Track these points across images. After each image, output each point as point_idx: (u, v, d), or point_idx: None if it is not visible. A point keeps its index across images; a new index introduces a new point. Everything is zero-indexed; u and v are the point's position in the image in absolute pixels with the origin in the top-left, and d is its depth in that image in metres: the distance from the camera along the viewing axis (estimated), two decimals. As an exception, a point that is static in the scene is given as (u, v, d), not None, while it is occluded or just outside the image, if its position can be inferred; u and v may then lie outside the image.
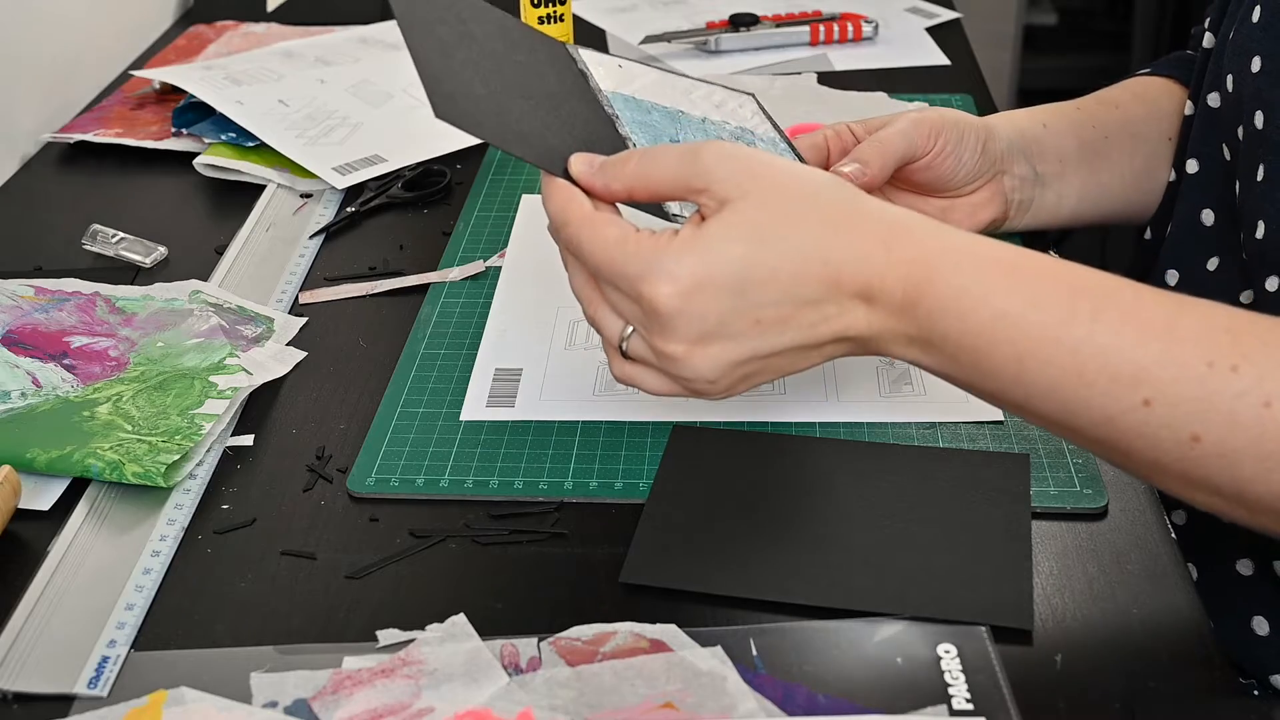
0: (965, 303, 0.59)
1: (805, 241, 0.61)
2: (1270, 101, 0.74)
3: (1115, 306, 0.58)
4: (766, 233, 0.61)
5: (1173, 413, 0.56)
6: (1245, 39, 0.78)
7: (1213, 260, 0.82)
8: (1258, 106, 0.75)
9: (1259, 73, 0.75)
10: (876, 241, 0.61)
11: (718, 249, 0.60)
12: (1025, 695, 0.58)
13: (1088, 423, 0.58)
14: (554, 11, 1.06)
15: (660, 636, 0.61)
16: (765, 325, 0.61)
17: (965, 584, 0.64)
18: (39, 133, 1.16)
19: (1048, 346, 0.58)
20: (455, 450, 0.74)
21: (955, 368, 0.61)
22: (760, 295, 0.60)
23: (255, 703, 0.58)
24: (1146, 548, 0.66)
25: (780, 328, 0.61)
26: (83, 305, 0.87)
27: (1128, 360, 0.57)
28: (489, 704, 0.58)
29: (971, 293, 0.59)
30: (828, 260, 0.60)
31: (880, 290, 0.60)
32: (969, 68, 1.27)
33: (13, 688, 0.60)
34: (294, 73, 1.21)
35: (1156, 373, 0.57)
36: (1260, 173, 0.74)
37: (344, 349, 0.85)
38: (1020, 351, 0.58)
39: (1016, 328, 0.58)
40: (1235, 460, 0.56)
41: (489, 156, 1.10)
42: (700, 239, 0.61)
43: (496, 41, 0.71)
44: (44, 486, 0.72)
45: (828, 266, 0.60)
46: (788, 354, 0.62)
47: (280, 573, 0.67)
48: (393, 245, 0.98)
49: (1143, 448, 0.58)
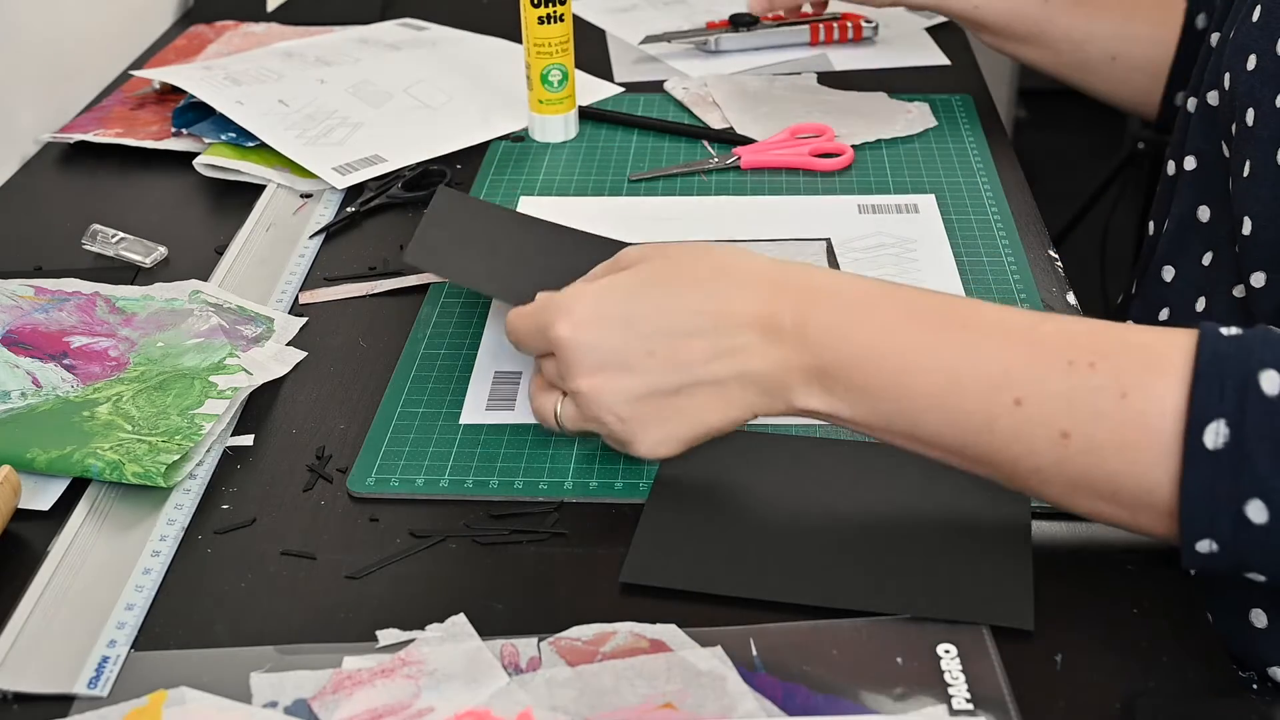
0: (850, 320, 0.64)
1: (695, 281, 0.66)
2: (1260, 99, 0.74)
3: (980, 319, 0.63)
4: (659, 277, 0.67)
5: (1042, 410, 0.60)
6: (1244, 37, 0.78)
7: (1207, 255, 0.83)
8: (1250, 104, 0.76)
9: (1253, 70, 0.76)
10: (763, 279, 0.66)
11: (611, 287, 0.67)
12: (1025, 695, 0.58)
13: (971, 433, 0.62)
14: (554, 11, 1.06)
15: (660, 636, 0.61)
16: (659, 358, 0.65)
17: (965, 584, 0.64)
18: (39, 133, 1.16)
19: (925, 354, 0.62)
20: (455, 450, 0.74)
21: (850, 399, 0.64)
22: (649, 325, 0.65)
23: (255, 703, 0.58)
24: (1147, 548, 0.66)
25: (675, 362, 0.65)
26: (83, 305, 0.87)
27: (996, 361, 0.61)
28: (489, 704, 0.58)
29: (854, 312, 0.64)
30: (714, 294, 0.66)
31: (770, 318, 0.64)
32: (969, 68, 1.27)
33: (13, 688, 0.60)
34: (294, 73, 1.21)
35: (1023, 372, 0.60)
36: (1246, 169, 0.75)
37: (344, 349, 0.85)
38: (903, 364, 0.62)
39: (895, 339, 0.63)
40: (1102, 454, 0.59)
41: (489, 156, 1.10)
42: (596, 283, 0.68)
43: (504, 227, 0.87)
44: (44, 486, 0.72)
45: (714, 299, 0.65)
46: (692, 393, 0.66)
47: (280, 573, 0.67)
48: (393, 245, 0.98)
49: (1021, 452, 0.61)
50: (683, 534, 0.67)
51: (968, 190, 1.01)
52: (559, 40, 1.07)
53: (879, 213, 0.98)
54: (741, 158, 1.06)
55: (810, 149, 1.07)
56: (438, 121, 1.14)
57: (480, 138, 1.12)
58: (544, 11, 1.06)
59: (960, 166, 1.05)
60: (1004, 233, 0.95)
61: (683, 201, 1.02)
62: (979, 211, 0.98)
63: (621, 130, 1.14)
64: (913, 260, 0.92)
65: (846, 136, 1.09)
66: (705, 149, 1.10)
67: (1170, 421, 0.57)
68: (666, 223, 0.97)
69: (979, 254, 0.92)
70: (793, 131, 1.09)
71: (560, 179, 1.06)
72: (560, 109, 1.11)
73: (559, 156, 1.10)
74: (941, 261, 0.91)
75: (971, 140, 1.09)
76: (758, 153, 1.07)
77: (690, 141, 1.12)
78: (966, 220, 0.97)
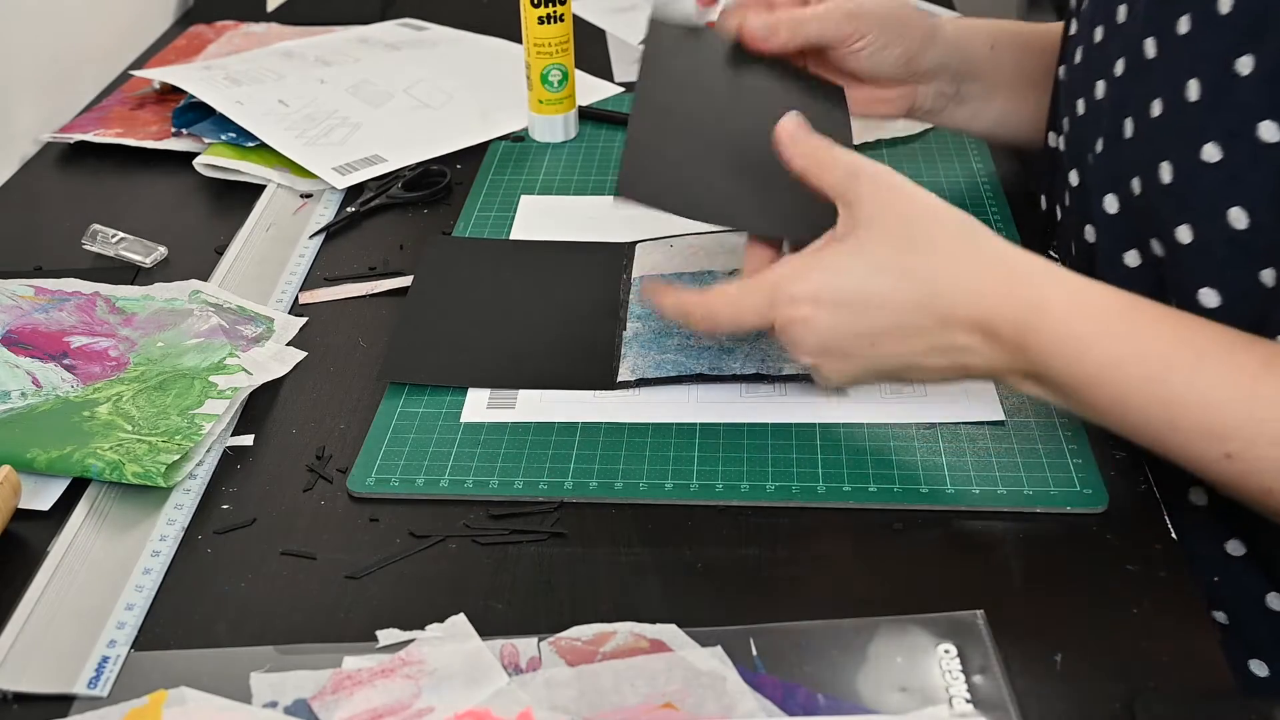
0: (1072, 348, 0.64)
1: (921, 273, 0.66)
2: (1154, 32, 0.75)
3: (1212, 361, 0.63)
4: (886, 263, 0.66)
5: (1251, 467, 0.62)
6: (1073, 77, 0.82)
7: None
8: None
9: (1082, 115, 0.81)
10: (991, 280, 0.65)
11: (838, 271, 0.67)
12: (1025, 695, 0.58)
13: (1178, 460, 0.64)
14: (554, 11, 1.06)
15: (660, 636, 0.61)
16: (881, 349, 0.67)
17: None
18: (39, 133, 1.16)
19: (1145, 396, 0.63)
20: (455, 450, 0.74)
21: (1066, 402, 0.66)
22: (872, 320, 0.66)
23: (255, 703, 0.58)
24: (1146, 548, 0.66)
25: (895, 353, 0.67)
26: (83, 305, 0.87)
27: (1216, 418, 0.62)
28: (489, 704, 0.58)
29: (1080, 339, 0.64)
30: (940, 294, 0.65)
31: (990, 325, 0.65)
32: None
33: (13, 688, 0.60)
34: (294, 73, 1.21)
35: (1240, 432, 0.61)
36: (1099, 145, 0.77)
37: (344, 349, 0.85)
38: (1121, 395, 0.63)
39: (1118, 377, 0.63)
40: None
41: (489, 156, 1.10)
42: (822, 264, 0.67)
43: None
44: (44, 486, 0.72)
45: (940, 299, 0.65)
46: (907, 374, 0.69)
47: (280, 573, 0.67)
48: (393, 245, 0.98)
49: (1223, 488, 0.65)
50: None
51: (968, 190, 1.01)
52: (559, 40, 1.07)
53: (879, 213, 0.98)
54: (741, 158, 1.06)
55: (810, 149, 1.06)
56: (438, 121, 1.14)
57: (480, 138, 1.12)
58: (544, 11, 1.06)
59: (960, 166, 1.05)
60: (1004, 233, 0.95)
61: (683, 201, 1.02)
62: (979, 211, 0.98)
63: (621, 130, 1.14)
64: (913, 260, 0.91)
65: (846, 136, 1.09)
66: (705, 149, 1.10)
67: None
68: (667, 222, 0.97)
69: (979, 254, 0.92)
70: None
71: (560, 179, 1.06)
72: (560, 109, 1.11)
73: (559, 156, 1.10)
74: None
75: (972, 140, 1.09)
76: (758, 153, 1.06)
77: (690, 141, 1.11)
78: (966, 220, 0.97)
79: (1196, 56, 0.69)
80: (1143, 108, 0.72)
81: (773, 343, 0.80)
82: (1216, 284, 0.68)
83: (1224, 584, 0.74)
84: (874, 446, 0.73)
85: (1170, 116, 0.70)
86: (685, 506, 0.70)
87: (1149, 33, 0.73)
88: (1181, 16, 0.70)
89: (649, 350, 0.81)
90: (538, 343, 0.83)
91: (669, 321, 0.80)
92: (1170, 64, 0.71)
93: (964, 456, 0.72)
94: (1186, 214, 0.69)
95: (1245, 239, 0.66)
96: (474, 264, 0.91)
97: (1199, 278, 0.69)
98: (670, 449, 0.74)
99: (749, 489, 0.71)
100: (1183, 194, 0.69)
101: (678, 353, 0.80)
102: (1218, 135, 0.67)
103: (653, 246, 0.92)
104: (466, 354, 0.82)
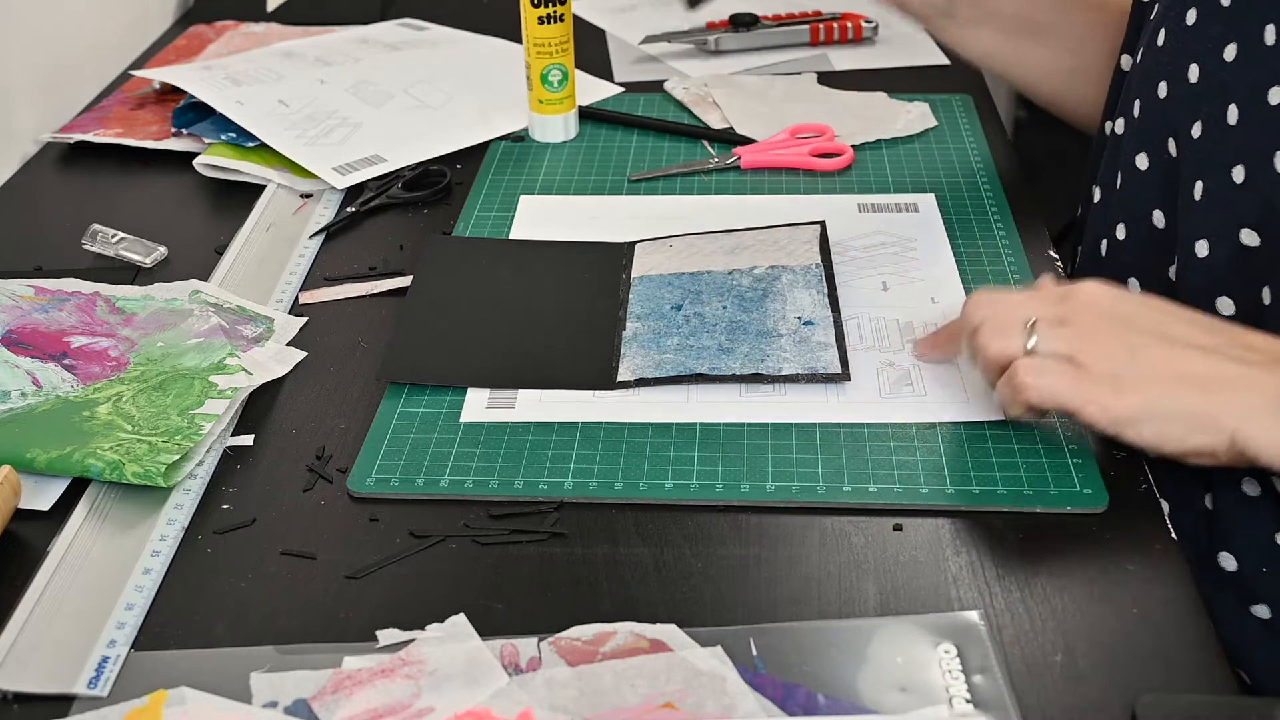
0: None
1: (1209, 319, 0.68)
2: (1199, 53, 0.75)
3: None
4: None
5: None
6: (1151, 63, 0.80)
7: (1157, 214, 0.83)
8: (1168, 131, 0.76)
9: (1165, 98, 0.76)
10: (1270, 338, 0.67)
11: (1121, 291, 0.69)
12: (1025, 695, 0.58)
13: None
14: (554, 11, 1.06)
15: (660, 636, 0.61)
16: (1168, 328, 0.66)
17: None
18: (39, 133, 1.16)
19: None
20: (455, 450, 0.74)
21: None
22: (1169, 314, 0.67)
23: (255, 703, 0.58)
24: (1146, 548, 0.66)
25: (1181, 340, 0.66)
26: (83, 305, 0.87)
27: None
28: (489, 704, 0.58)
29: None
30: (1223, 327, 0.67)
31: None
32: (969, 68, 1.26)
33: (13, 688, 0.60)
34: (294, 73, 1.21)
35: None
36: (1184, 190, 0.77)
37: (344, 349, 0.85)
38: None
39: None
40: None
41: (489, 156, 1.10)
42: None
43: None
44: (44, 486, 0.72)
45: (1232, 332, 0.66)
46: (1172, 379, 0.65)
47: (280, 573, 0.67)
48: (393, 245, 0.98)
49: None
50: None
51: (968, 190, 1.01)
52: (559, 40, 1.07)
53: (879, 211, 0.98)
54: (741, 158, 1.06)
55: (810, 149, 1.07)
56: (438, 121, 1.14)
57: (480, 138, 1.12)
58: (544, 11, 1.06)
59: (960, 166, 1.05)
60: (1004, 233, 0.95)
61: (683, 201, 1.02)
62: (979, 211, 0.98)
63: (621, 130, 1.14)
64: (913, 259, 0.92)
65: (846, 136, 1.09)
66: (705, 149, 1.10)
67: None
68: (667, 222, 0.97)
69: (979, 253, 0.92)
70: (792, 131, 1.09)
71: (560, 179, 1.06)
72: (560, 109, 1.11)
73: (559, 156, 1.10)
74: (941, 261, 0.91)
75: (971, 140, 1.09)
76: (758, 153, 1.07)
77: (690, 141, 1.12)
78: (966, 220, 0.97)
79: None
80: (1255, 95, 0.71)
81: (773, 342, 0.80)
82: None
83: (1272, 575, 0.73)
84: (874, 446, 0.73)
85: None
86: (685, 506, 0.70)
87: (1269, 19, 0.72)
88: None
89: (649, 350, 0.81)
90: (538, 343, 0.83)
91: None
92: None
93: (964, 456, 0.72)
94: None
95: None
96: (474, 264, 0.91)
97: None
98: (670, 449, 0.74)
99: (749, 489, 0.71)
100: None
101: (677, 353, 0.80)
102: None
103: (653, 246, 0.92)
104: (466, 354, 0.82)
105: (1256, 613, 0.73)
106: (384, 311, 0.89)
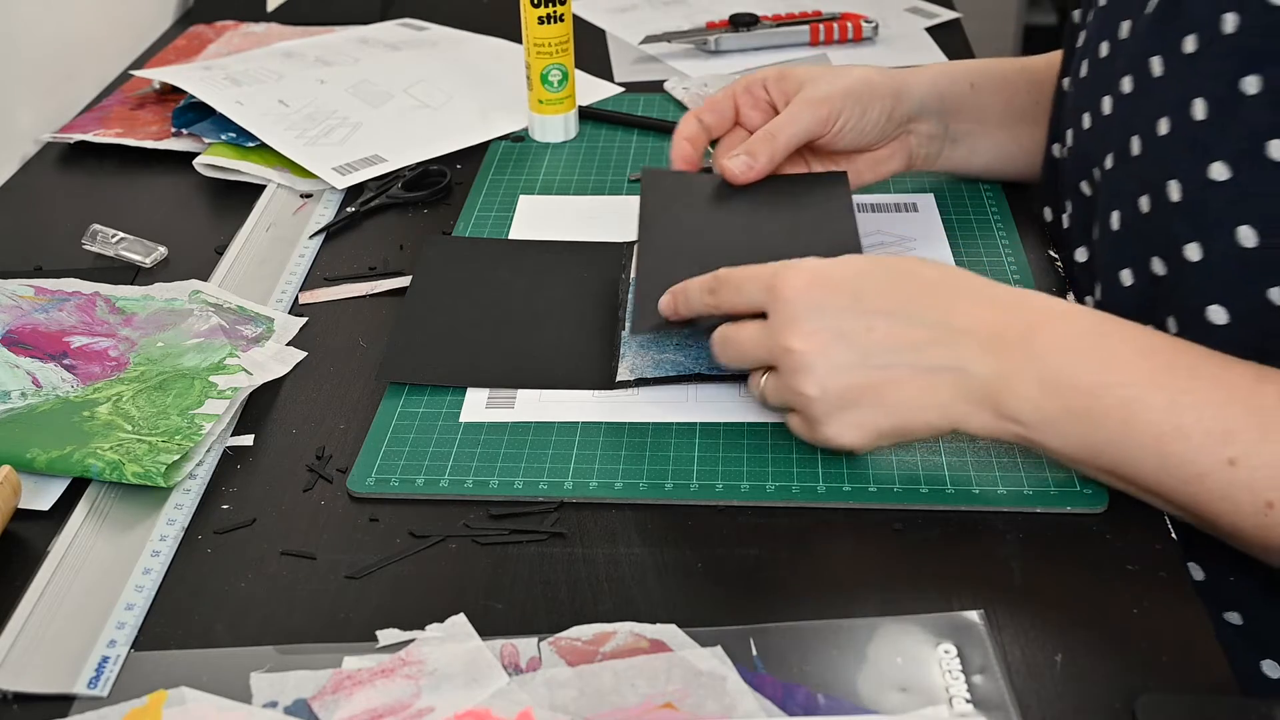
0: (1080, 346, 0.64)
1: (927, 282, 0.68)
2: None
3: (1207, 368, 0.63)
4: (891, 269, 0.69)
5: (1253, 475, 0.61)
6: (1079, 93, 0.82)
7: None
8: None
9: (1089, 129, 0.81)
10: (994, 296, 0.67)
11: (843, 262, 0.69)
12: (1025, 695, 0.58)
13: (1180, 481, 0.62)
14: (554, 11, 1.06)
15: (660, 636, 0.61)
16: (877, 335, 0.66)
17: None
18: (39, 133, 1.16)
19: (1153, 394, 0.62)
20: (455, 450, 0.74)
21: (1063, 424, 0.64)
22: (875, 303, 0.66)
23: (255, 703, 0.58)
24: (1146, 548, 0.66)
25: (891, 343, 0.66)
26: (83, 305, 0.87)
27: (1219, 417, 0.61)
28: (489, 704, 0.58)
29: (1085, 340, 0.64)
30: (943, 298, 0.67)
31: (996, 328, 0.65)
32: (969, 68, 1.26)
33: (13, 688, 0.60)
34: (294, 73, 1.21)
35: (1243, 434, 0.61)
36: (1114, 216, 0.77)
37: (344, 349, 0.85)
38: (1129, 398, 0.62)
39: (1125, 373, 0.63)
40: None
41: (489, 156, 1.10)
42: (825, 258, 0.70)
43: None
44: (44, 486, 0.72)
45: (943, 302, 0.66)
46: (899, 380, 0.66)
47: (280, 573, 0.67)
48: (393, 245, 0.98)
49: (1225, 510, 0.62)
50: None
51: (967, 190, 1.01)
52: (559, 40, 1.07)
53: (878, 211, 0.98)
54: (741, 158, 1.06)
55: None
56: (438, 121, 1.14)
57: (480, 138, 1.12)
58: (544, 11, 1.06)
59: (960, 166, 1.05)
60: (1004, 233, 0.95)
61: (683, 201, 1.02)
62: (979, 211, 0.98)
63: (621, 130, 1.14)
64: (913, 260, 0.92)
65: (846, 136, 1.09)
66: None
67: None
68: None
69: (979, 253, 0.92)
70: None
71: (560, 179, 1.06)
72: (560, 109, 1.11)
73: (559, 156, 1.10)
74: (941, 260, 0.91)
75: (971, 140, 1.09)
76: (758, 153, 1.06)
77: (690, 141, 1.11)
78: (966, 220, 0.97)
79: (1203, 75, 0.69)
80: (1150, 125, 0.73)
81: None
82: (1225, 301, 0.68)
83: (1238, 583, 0.74)
84: (874, 446, 0.73)
85: (1178, 135, 0.70)
86: (685, 506, 0.70)
87: (1155, 50, 0.73)
88: (1187, 36, 0.70)
89: (648, 350, 0.80)
90: (537, 343, 0.83)
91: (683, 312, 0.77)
92: (1176, 82, 0.71)
93: (964, 456, 0.72)
94: (1196, 232, 0.69)
95: (1255, 257, 0.66)
96: (474, 264, 0.91)
97: (1207, 295, 0.69)
98: (670, 449, 0.74)
99: (749, 489, 0.71)
100: (1192, 212, 0.69)
101: (677, 352, 0.80)
102: (1226, 154, 0.67)
103: None
104: (466, 354, 0.82)
105: (1228, 619, 0.74)
106: (384, 311, 0.89)
